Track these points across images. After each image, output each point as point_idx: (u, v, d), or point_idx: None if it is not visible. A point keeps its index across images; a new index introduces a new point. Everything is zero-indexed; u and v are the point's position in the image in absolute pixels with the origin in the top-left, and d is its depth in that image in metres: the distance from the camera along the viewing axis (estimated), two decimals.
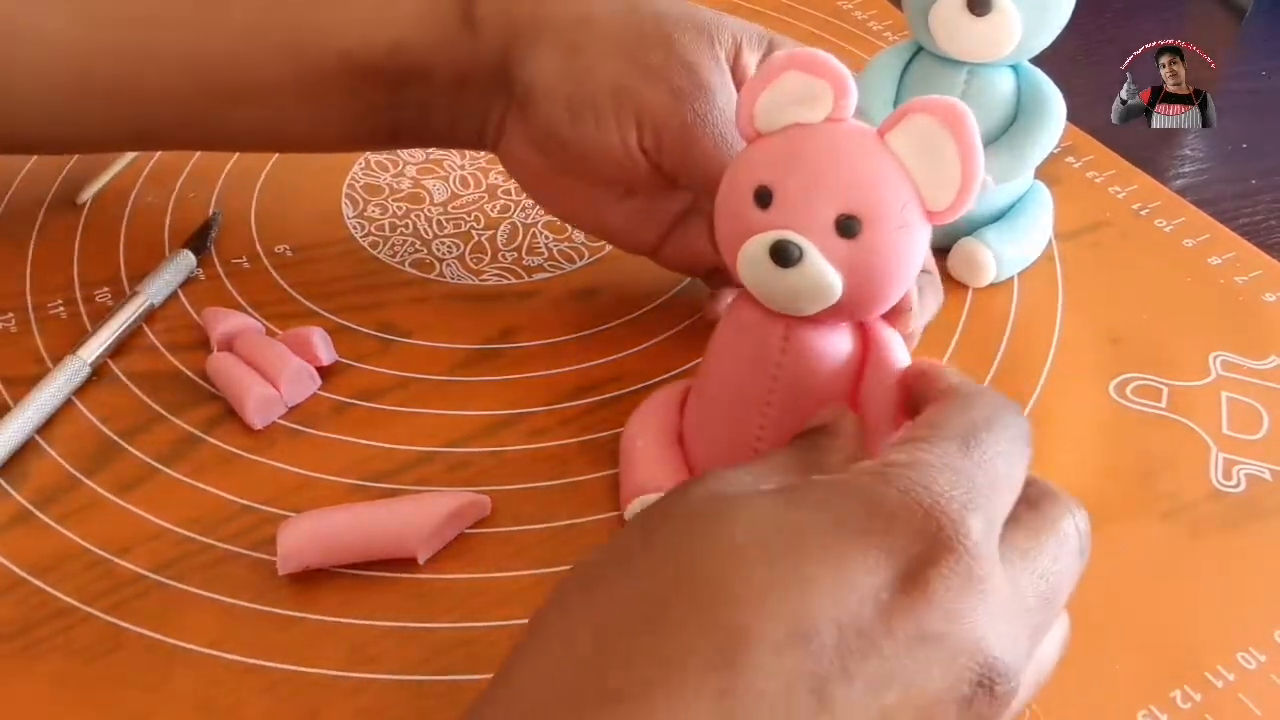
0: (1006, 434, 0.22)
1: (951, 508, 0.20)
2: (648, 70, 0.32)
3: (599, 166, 0.34)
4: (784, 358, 0.28)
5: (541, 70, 0.33)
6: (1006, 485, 0.22)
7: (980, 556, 0.20)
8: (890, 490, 0.20)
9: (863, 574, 0.19)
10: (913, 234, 0.26)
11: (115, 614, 0.29)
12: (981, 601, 0.20)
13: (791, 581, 0.19)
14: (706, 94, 0.32)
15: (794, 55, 0.26)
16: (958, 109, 0.25)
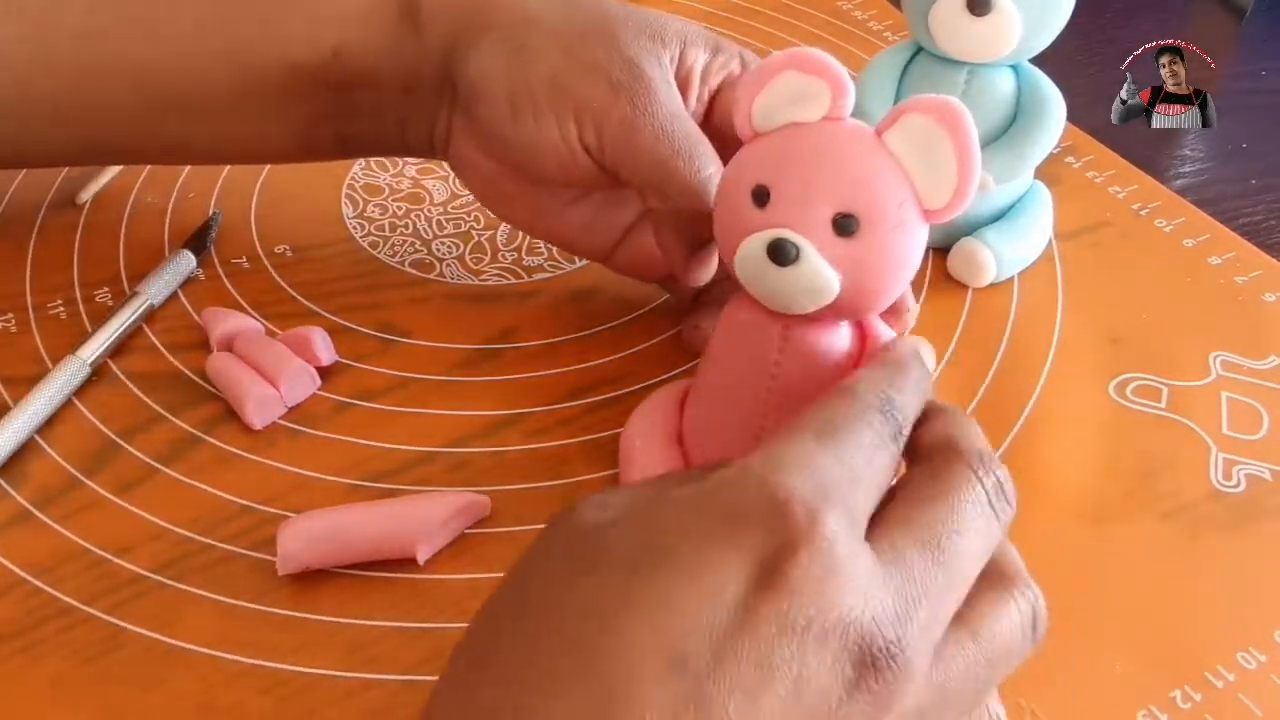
0: (867, 429, 0.22)
1: (803, 499, 0.20)
2: (587, 65, 0.32)
3: (543, 165, 0.33)
4: (782, 357, 0.28)
5: (483, 69, 0.33)
6: (866, 477, 0.22)
7: (838, 543, 0.20)
8: (741, 492, 0.20)
9: (722, 582, 0.19)
10: (910, 233, 0.26)
11: (115, 614, 0.29)
12: (846, 582, 0.20)
13: (656, 611, 0.19)
14: (646, 87, 0.32)
15: (792, 55, 0.26)
16: (954, 108, 0.25)
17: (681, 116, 0.32)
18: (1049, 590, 0.31)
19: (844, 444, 0.22)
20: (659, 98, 0.32)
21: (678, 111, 0.32)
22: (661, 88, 0.32)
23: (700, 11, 0.57)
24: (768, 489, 0.20)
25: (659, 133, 0.32)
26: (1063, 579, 0.31)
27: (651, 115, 0.32)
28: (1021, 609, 0.23)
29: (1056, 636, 0.29)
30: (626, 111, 0.32)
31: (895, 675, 0.19)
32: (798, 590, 0.19)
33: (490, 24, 0.33)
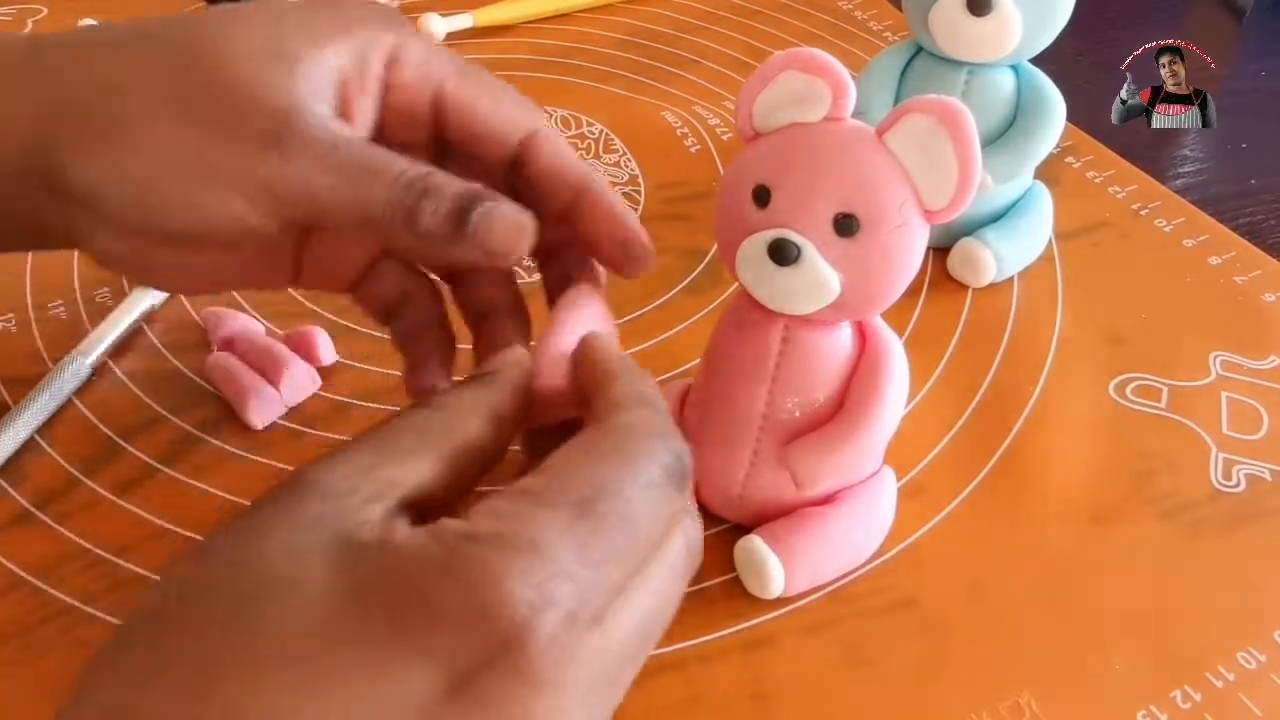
0: (638, 494, 0.20)
1: (519, 607, 0.18)
2: (212, 126, 0.25)
3: (228, 241, 0.26)
4: (782, 359, 0.28)
5: (91, 167, 0.25)
6: (624, 554, 0.20)
7: (550, 653, 0.18)
8: (448, 584, 0.18)
9: (404, 686, 0.17)
10: (911, 233, 0.26)
11: (116, 614, 0.29)
12: (554, 697, 0.18)
13: (326, 692, 0.17)
14: (291, 132, 0.25)
15: (793, 55, 0.26)
16: (955, 109, 0.25)
17: (344, 144, 0.26)
18: (1050, 590, 0.31)
19: (605, 518, 0.19)
20: (310, 137, 0.25)
21: (338, 141, 0.26)
22: (306, 122, 0.25)
23: (700, 11, 0.57)
24: (481, 593, 0.18)
25: (328, 180, 0.25)
26: (1063, 578, 0.31)
27: (308, 163, 0.25)
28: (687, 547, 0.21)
29: (1057, 635, 0.30)
30: (281, 168, 0.25)
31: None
32: (492, 706, 0.18)
33: (70, 111, 0.26)
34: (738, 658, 0.29)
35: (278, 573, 0.18)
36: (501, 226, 0.25)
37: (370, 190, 0.25)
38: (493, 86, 0.29)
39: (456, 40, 0.54)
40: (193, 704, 0.17)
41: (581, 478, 0.20)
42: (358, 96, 0.27)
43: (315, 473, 0.20)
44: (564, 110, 0.50)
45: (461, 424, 0.22)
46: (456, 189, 0.25)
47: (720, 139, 0.48)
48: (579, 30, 0.56)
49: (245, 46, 0.26)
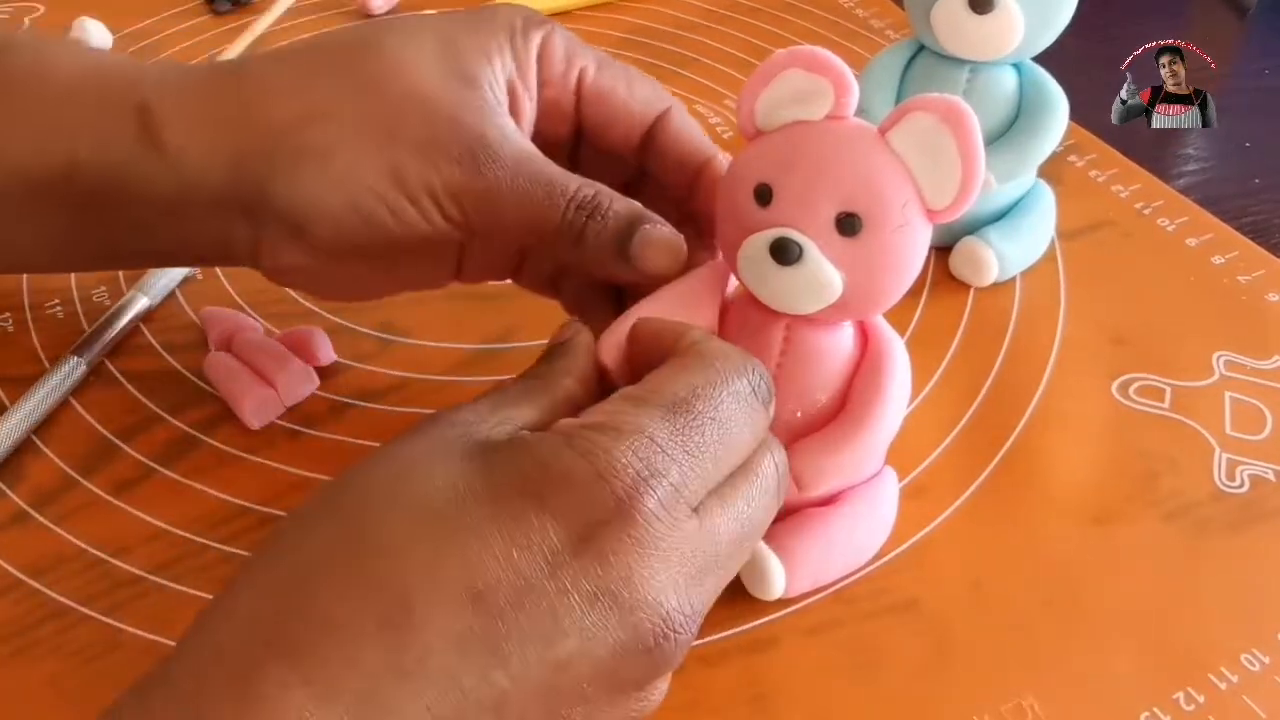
0: (726, 399, 0.23)
1: (626, 475, 0.21)
2: (415, 148, 0.28)
3: (413, 249, 0.29)
4: (784, 358, 0.28)
5: (299, 192, 0.28)
6: (717, 451, 0.23)
7: (656, 522, 0.21)
8: (570, 455, 0.21)
9: (534, 535, 0.20)
10: (913, 233, 0.26)
11: (113, 615, 0.29)
12: (660, 564, 0.21)
13: (463, 543, 0.20)
14: (486, 152, 0.28)
15: (795, 53, 0.26)
16: (958, 108, 0.25)
17: (526, 161, 0.28)
18: (1052, 591, 0.31)
19: (698, 418, 0.22)
20: (505, 155, 0.28)
21: (522, 157, 0.28)
22: (504, 142, 0.28)
23: (701, 10, 0.57)
24: (601, 457, 0.21)
25: (520, 190, 0.28)
26: (1065, 579, 0.31)
27: (507, 180, 0.28)
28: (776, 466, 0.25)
29: (1059, 637, 0.29)
30: (479, 186, 0.28)
31: (682, 649, 0.22)
32: (610, 563, 0.20)
33: (272, 135, 0.28)
34: (739, 659, 0.29)
35: (419, 464, 0.22)
36: (656, 252, 0.28)
37: (547, 210, 0.28)
38: (626, 73, 0.31)
39: None
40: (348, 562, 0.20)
41: (676, 383, 0.23)
42: (523, 98, 0.30)
43: (443, 413, 0.23)
44: None
45: (556, 383, 0.25)
46: (620, 210, 0.28)
47: (721, 138, 0.48)
48: (579, 30, 0.55)
49: (430, 69, 0.28)
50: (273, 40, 0.54)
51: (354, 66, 0.29)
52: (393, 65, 0.28)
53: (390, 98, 0.28)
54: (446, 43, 0.29)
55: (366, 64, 0.28)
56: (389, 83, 0.28)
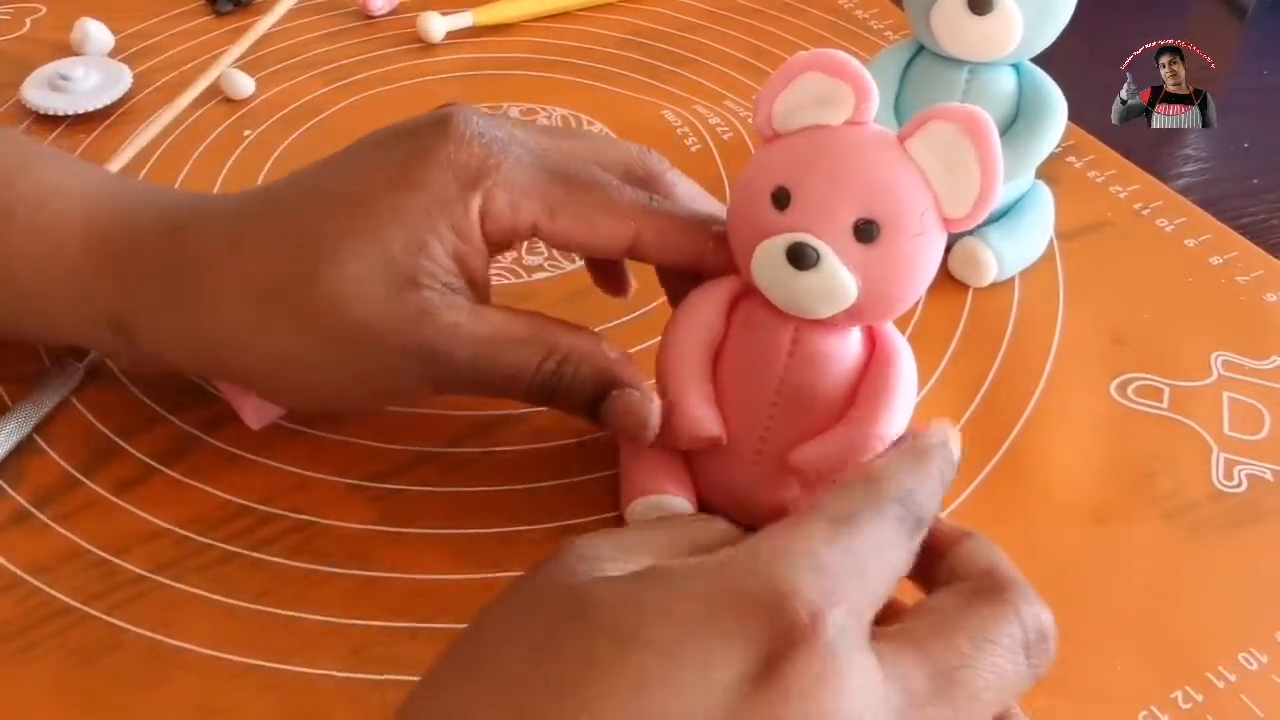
0: (884, 523, 0.22)
1: (807, 599, 0.19)
2: (375, 382, 0.29)
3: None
4: (792, 360, 0.28)
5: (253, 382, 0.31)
6: (878, 574, 0.21)
7: (839, 647, 0.19)
8: (745, 579, 0.20)
9: (720, 670, 0.19)
10: (930, 241, 0.26)
11: (114, 614, 0.29)
12: (842, 693, 0.19)
13: (650, 684, 0.18)
14: (440, 363, 0.28)
15: (816, 56, 0.26)
16: (979, 118, 0.25)
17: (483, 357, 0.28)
18: (1050, 591, 0.30)
19: (858, 538, 0.21)
20: (455, 360, 0.28)
21: (479, 351, 0.28)
22: (448, 346, 0.28)
23: (701, 11, 0.57)
24: (773, 582, 0.20)
25: (477, 388, 0.29)
26: (1064, 579, 0.31)
27: (457, 382, 0.29)
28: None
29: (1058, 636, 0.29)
30: (438, 389, 0.29)
31: None
32: (793, 694, 0.19)
33: (245, 383, 0.32)
34: None
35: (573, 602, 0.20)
36: (626, 420, 0.29)
37: (509, 390, 0.29)
38: (586, 210, 0.29)
39: (456, 39, 0.54)
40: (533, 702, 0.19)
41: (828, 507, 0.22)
42: (473, 262, 0.29)
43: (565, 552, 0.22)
44: (564, 110, 0.50)
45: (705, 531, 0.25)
46: (585, 376, 0.29)
47: (721, 138, 0.48)
48: (579, 30, 0.56)
49: (370, 293, 0.27)
50: (274, 41, 0.54)
51: (303, 308, 0.28)
52: (335, 302, 0.28)
53: (340, 337, 0.28)
54: (378, 253, 0.27)
55: (315, 306, 0.28)
56: (337, 322, 0.28)
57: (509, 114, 0.43)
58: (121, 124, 0.48)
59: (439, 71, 0.52)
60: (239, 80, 0.50)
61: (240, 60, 0.52)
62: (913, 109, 0.39)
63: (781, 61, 0.27)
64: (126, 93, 0.49)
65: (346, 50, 0.53)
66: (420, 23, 0.53)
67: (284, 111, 0.49)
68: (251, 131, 0.48)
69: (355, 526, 0.32)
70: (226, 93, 0.50)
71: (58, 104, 0.47)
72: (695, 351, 0.29)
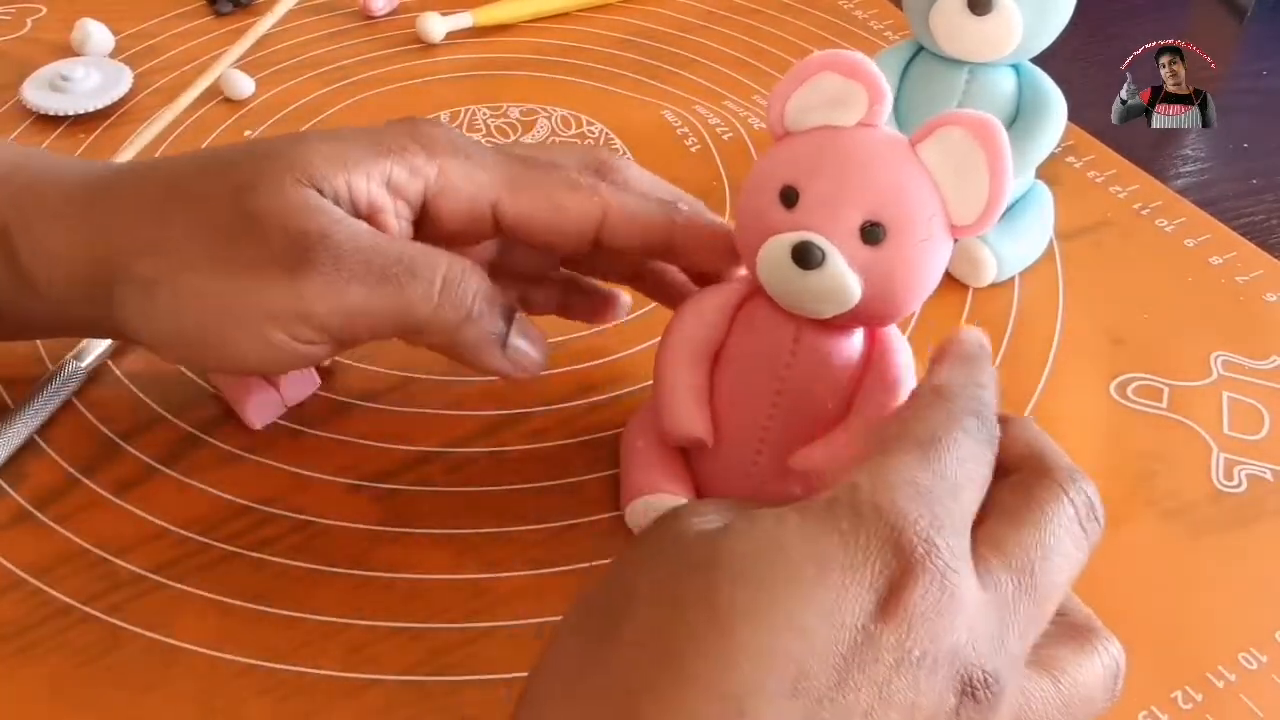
0: (966, 438, 0.22)
1: (919, 528, 0.20)
2: (246, 269, 0.26)
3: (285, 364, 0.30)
4: (793, 359, 0.28)
5: (130, 324, 0.28)
6: (969, 489, 0.22)
7: (951, 572, 0.20)
8: (857, 516, 0.20)
9: (847, 609, 0.19)
10: (936, 246, 0.26)
11: (115, 614, 0.29)
12: (957, 614, 0.20)
13: (778, 628, 0.19)
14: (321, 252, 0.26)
15: (831, 56, 0.26)
16: (991, 125, 0.25)
17: (373, 251, 0.27)
18: None
19: (947, 458, 0.21)
20: (340, 253, 0.26)
21: (367, 249, 0.27)
22: (337, 237, 0.26)
23: (701, 11, 0.57)
24: (884, 515, 0.20)
25: (361, 286, 0.26)
26: None
27: (340, 277, 0.26)
28: (1105, 663, 0.23)
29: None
30: (312, 295, 0.26)
31: (991, 703, 0.20)
32: (916, 620, 0.19)
33: (112, 275, 0.28)
34: None
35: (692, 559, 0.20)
36: (530, 357, 0.29)
37: (409, 298, 0.27)
38: (549, 186, 0.29)
39: (456, 39, 0.54)
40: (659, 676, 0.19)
41: (911, 434, 0.22)
42: (391, 218, 0.28)
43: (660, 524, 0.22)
44: (564, 110, 0.50)
45: None
46: (501, 300, 0.28)
47: (721, 139, 0.48)
48: (579, 30, 0.56)
49: (272, 182, 0.26)
50: (274, 42, 0.54)
51: (201, 195, 0.27)
52: (239, 189, 0.27)
53: (224, 221, 0.26)
54: (304, 155, 0.27)
55: (212, 190, 0.27)
56: (230, 206, 0.26)
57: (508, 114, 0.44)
58: (122, 124, 0.48)
59: (439, 72, 0.52)
60: (239, 81, 0.50)
61: (240, 61, 0.52)
62: (912, 110, 0.39)
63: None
64: (127, 93, 0.49)
65: (346, 51, 0.53)
66: (420, 23, 0.54)
67: (284, 112, 0.49)
68: (252, 132, 0.48)
69: (355, 526, 0.32)
70: (227, 93, 0.50)
71: (58, 104, 0.48)
72: (690, 350, 0.29)
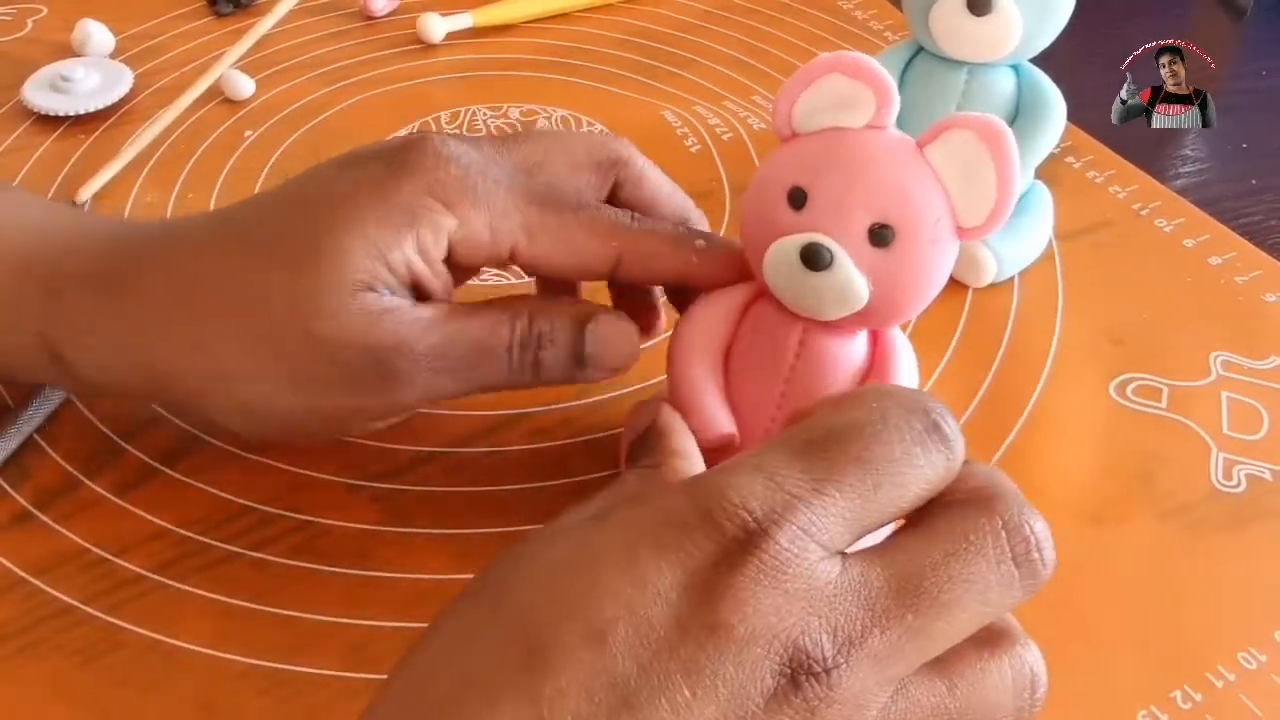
0: (878, 438, 0.20)
1: (747, 516, 0.19)
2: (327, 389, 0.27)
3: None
4: (798, 361, 0.28)
5: (215, 420, 0.29)
6: (862, 492, 0.20)
7: (787, 560, 0.19)
8: (689, 499, 0.20)
9: (653, 574, 0.19)
10: (942, 249, 0.26)
11: (115, 614, 0.29)
12: (783, 596, 0.19)
13: (585, 588, 0.19)
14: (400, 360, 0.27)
15: (838, 58, 0.26)
16: (998, 128, 0.25)
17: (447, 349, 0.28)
18: (1049, 590, 0.31)
19: (833, 455, 0.20)
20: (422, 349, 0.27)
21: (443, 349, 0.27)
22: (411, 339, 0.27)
23: (700, 11, 0.57)
24: (722, 496, 0.20)
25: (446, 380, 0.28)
26: (1063, 579, 0.31)
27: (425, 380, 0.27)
28: (1016, 668, 0.21)
29: (1057, 636, 0.29)
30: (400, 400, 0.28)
31: (821, 695, 0.19)
32: (729, 596, 0.19)
33: (185, 395, 0.29)
34: None
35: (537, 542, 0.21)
36: (613, 347, 0.29)
37: (487, 373, 0.28)
38: (566, 230, 0.28)
39: (456, 40, 0.54)
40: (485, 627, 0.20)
41: (809, 428, 0.21)
42: (428, 283, 0.28)
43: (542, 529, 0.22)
44: (564, 110, 0.50)
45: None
46: (564, 328, 0.28)
47: (720, 139, 0.48)
48: (579, 30, 0.56)
49: (334, 299, 0.26)
50: (274, 42, 0.54)
51: (244, 304, 0.27)
52: (286, 314, 0.27)
53: (288, 350, 0.27)
54: (332, 259, 0.26)
55: (254, 297, 0.27)
56: (287, 335, 0.27)
57: (508, 114, 0.44)
58: (122, 125, 0.48)
59: (439, 72, 0.52)
60: (239, 81, 0.50)
61: (241, 61, 0.52)
62: (912, 110, 0.39)
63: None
64: (127, 94, 0.49)
65: (347, 51, 0.53)
66: (420, 24, 0.54)
67: (284, 112, 0.49)
68: (252, 132, 0.48)
69: (355, 526, 0.32)
70: (227, 94, 0.50)
71: (59, 105, 0.48)
72: (705, 352, 0.29)
